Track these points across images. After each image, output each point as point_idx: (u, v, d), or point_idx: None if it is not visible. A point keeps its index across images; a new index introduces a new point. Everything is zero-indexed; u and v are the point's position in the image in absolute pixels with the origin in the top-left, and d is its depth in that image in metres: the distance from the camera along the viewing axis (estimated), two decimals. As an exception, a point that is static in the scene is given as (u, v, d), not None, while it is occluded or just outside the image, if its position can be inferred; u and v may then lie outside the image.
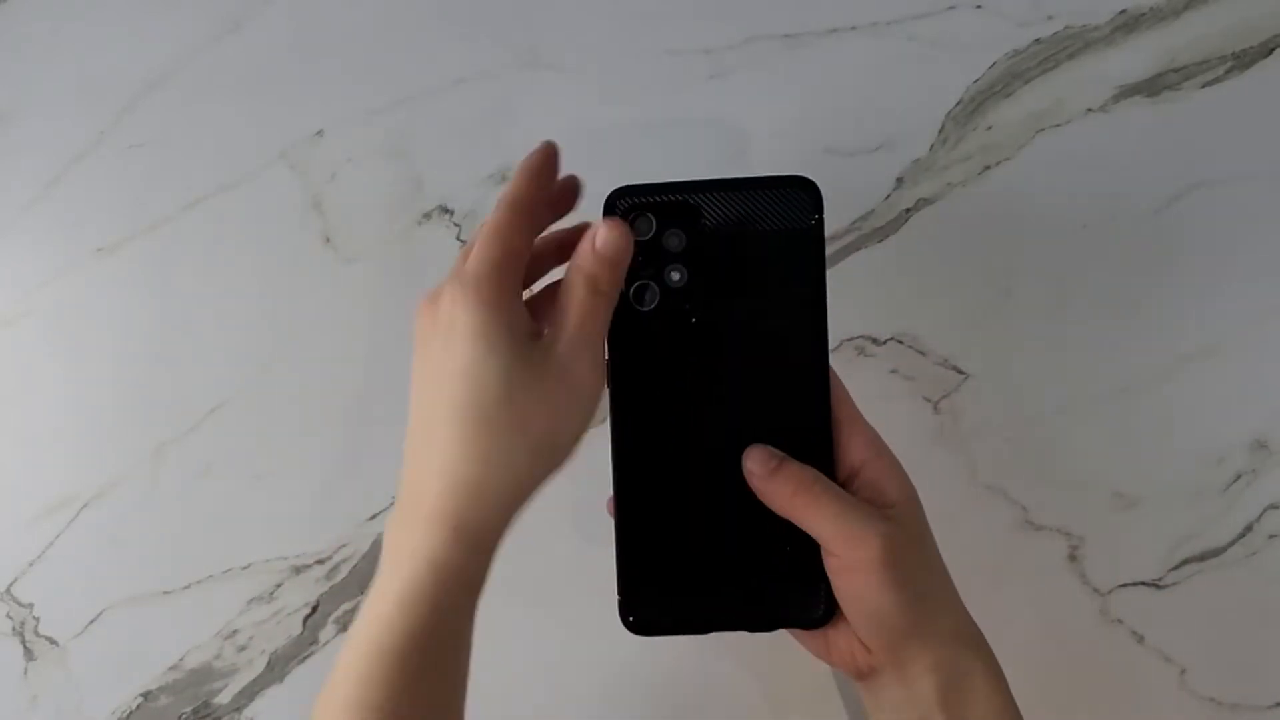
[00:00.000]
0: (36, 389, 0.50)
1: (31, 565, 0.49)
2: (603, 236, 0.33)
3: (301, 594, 0.48)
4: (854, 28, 0.50)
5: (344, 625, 0.48)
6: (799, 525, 0.34)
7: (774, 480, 0.34)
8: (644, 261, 0.35)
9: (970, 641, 0.35)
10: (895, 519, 0.34)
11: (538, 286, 0.38)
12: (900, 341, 0.48)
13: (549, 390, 0.32)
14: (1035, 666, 0.45)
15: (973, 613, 0.37)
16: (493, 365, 0.31)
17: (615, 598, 0.36)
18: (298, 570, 0.48)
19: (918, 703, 0.34)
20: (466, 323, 0.31)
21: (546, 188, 0.35)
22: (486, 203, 0.50)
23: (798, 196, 0.35)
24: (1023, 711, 0.37)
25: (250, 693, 0.48)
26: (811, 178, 0.35)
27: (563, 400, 0.32)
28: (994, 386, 0.48)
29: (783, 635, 0.38)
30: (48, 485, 0.50)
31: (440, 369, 0.32)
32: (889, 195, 0.49)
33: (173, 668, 0.48)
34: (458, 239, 0.50)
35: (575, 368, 0.32)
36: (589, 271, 0.33)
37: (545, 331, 0.34)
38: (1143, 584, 0.47)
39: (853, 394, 0.37)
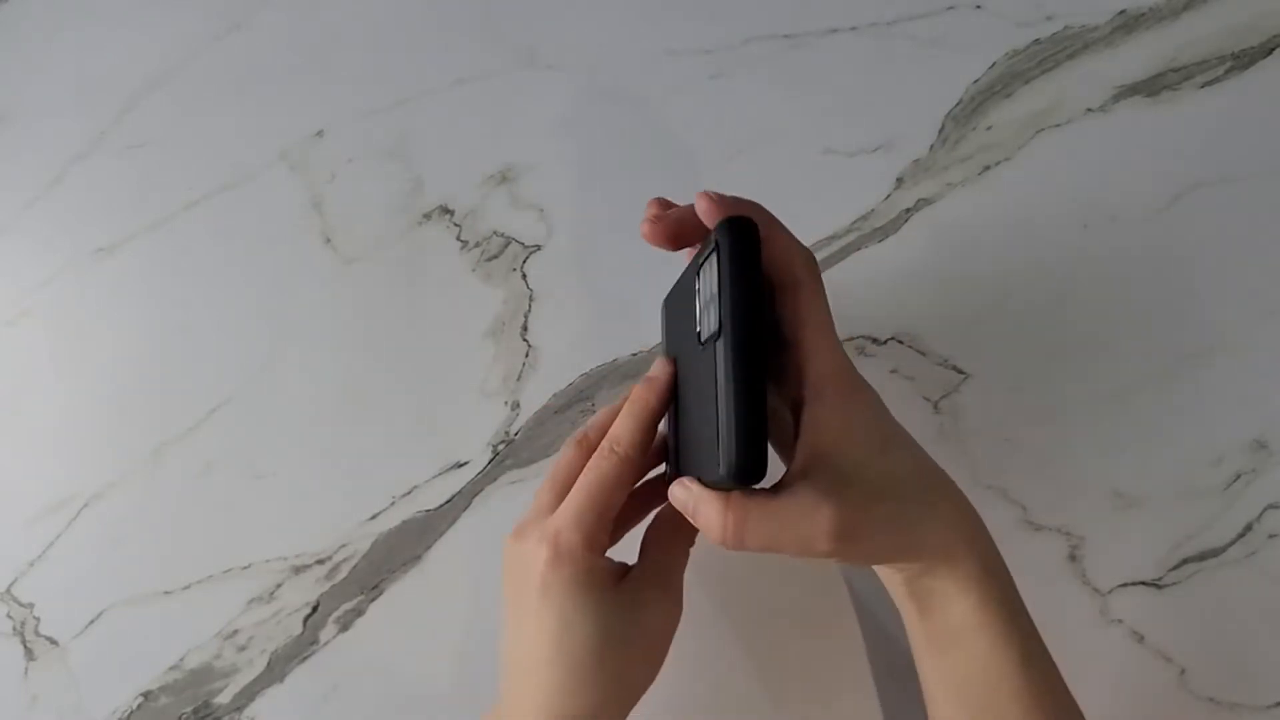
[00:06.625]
0: (36, 389, 0.50)
1: (31, 565, 0.49)
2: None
3: (301, 594, 0.48)
4: (854, 28, 0.50)
5: (344, 625, 0.48)
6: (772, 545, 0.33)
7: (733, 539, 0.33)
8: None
9: (964, 550, 0.35)
10: (835, 476, 0.33)
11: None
12: (900, 341, 0.48)
13: (632, 638, 0.36)
14: (1035, 666, 0.45)
15: (973, 613, 0.37)
16: (586, 627, 0.35)
17: None
18: (298, 570, 0.48)
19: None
20: (560, 590, 0.35)
21: (653, 436, 0.37)
22: (486, 203, 0.50)
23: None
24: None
25: (250, 693, 0.48)
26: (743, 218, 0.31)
27: (642, 647, 0.36)
28: (994, 386, 0.48)
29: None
30: (48, 485, 0.50)
31: (539, 622, 0.35)
32: (889, 195, 0.49)
33: (173, 668, 0.48)
34: (458, 239, 0.50)
35: (654, 619, 0.36)
36: (692, 534, 0.36)
37: (630, 572, 0.37)
38: (1142, 584, 0.47)
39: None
